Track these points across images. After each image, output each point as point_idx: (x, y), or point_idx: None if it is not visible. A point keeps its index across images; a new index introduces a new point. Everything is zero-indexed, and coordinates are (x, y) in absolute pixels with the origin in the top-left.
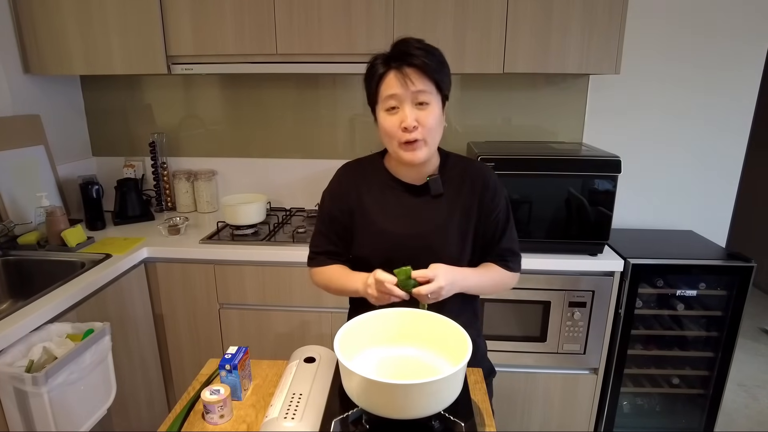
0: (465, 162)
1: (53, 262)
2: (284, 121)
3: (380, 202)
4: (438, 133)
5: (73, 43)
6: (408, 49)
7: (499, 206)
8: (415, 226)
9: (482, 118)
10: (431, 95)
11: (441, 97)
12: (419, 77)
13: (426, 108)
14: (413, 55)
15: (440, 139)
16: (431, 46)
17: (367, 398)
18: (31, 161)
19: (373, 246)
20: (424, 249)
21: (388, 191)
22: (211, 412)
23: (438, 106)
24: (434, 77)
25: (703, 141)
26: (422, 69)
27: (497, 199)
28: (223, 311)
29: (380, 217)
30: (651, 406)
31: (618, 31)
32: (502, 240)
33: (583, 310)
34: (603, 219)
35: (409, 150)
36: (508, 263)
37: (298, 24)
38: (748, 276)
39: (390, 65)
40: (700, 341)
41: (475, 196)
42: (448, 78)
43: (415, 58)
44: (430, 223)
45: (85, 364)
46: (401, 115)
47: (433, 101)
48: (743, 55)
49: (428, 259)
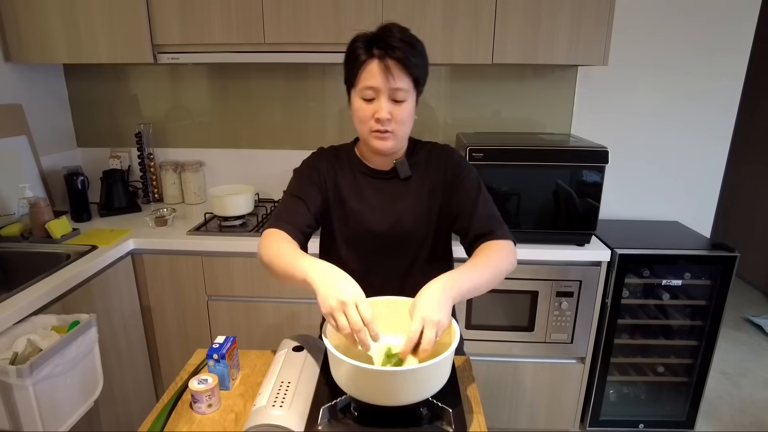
0: (430, 145)
1: (37, 254)
2: (272, 111)
3: (353, 187)
4: (409, 126)
5: (56, 30)
6: (392, 40)
7: (462, 176)
8: (385, 208)
9: (471, 110)
10: (408, 92)
11: (416, 92)
12: (400, 73)
13: (401, 104)
14: (396, 47)
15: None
16: (414, 39)
17: (356, 385)
18: (13, 152)
19: (344, 228)
20: (394, 230)
21: (360, 177)
22: (198, 402)
23: (412, 102)
24: (414, 74)
25: (689, 133)
26: (404, 64)
27: (459, 170)
28: (211, 303)
29: (352, 199)
30: (636, 394)
31: (606, 22)
32: (476, 211)
33: (571, 300)
34: (590, 209)
35: (379, 138)
36: (495, 232)
37: (286, 12)
38: (731, 266)
39: (372, 52)
40: (684, 330)
41: (440, 172)
42: (426, 73)
43: (398, 51)
44: (401, 205)
45: (71, 356)
46: (376, 106)
47: (409, 98)
48: (729, 48)
49: (399, 240)
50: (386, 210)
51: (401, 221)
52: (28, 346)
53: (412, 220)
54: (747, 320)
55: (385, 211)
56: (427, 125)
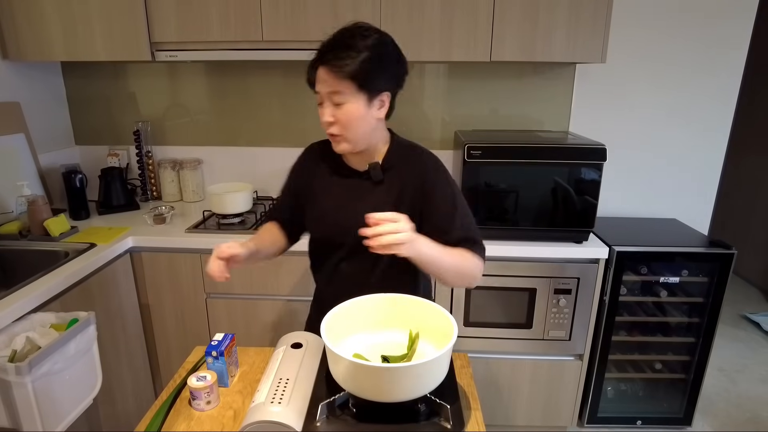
0: (409, 149)
1: (36, 251)
2: (270, 109)
3: (327, 185)
4: (360, 128)
5: (53, 28)
6: (334, 44)
7: (437, 191)
8: (350, 207)
9: (469, 107)
10: (346, 95)
11: (367, 94)
12: (333, 78)
13: (341, 107)
14: (326, 52)
15: (371, 131)
16: (353, 40)
17: (354, 382)
18: (12, 150)
19: (315, 225)
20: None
21: (336, 175)
22: (197, 399)
23: (357, 104)
24: (349, 75)
25: (687, 130)
26: (333, 67)
27: (436, 186)
28: (210, 301)
29: (323, 198)
30: (634, 391)
31: (604, 20)
32: (453, 228)
33: (569, 297)
34: (588, 207)
35: (333, 142)
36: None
37: (284, 10)
38: (729, 263)
39: (320, 59)
40: (682, 327)
41: (415, 180)
42: (375, 75)
43: (328, 54)
44: (365, 205)
45: (70, 353)
46: (321, 110)
47: (350, 100)
48: (727, 45)
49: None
50: (350, 209)
51: (361, 219)
52: (27, 343)
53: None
54: (744, 317)
55: (348, 210)
56: (426, 123)
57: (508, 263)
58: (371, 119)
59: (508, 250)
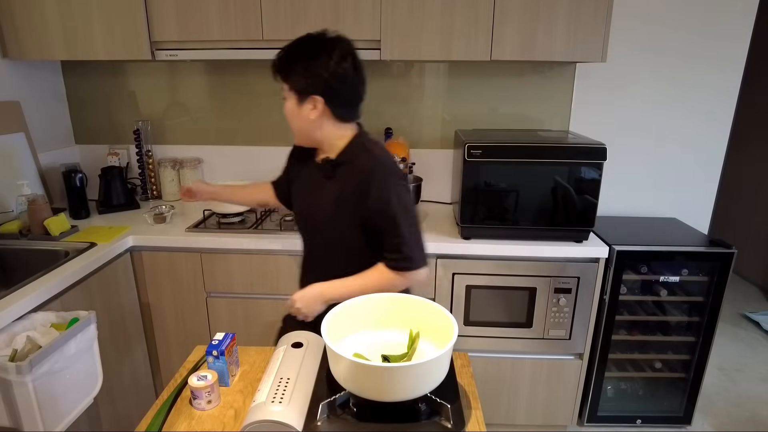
0: (361, 152)
1: (36, 251)
2: (271, 108)
3: (301, 172)
4: (294, 124)
5: (53, 27)
6: (287, 49)
7: (371, 206)
8: (306, 200)
9: (469, 106)
10: (286, 93)
11: (297, 95)
12: (278, 78)
13: (284, 104)
14: (281, 57)
15: (310, 129)
16: (291, 47)
17: (354, 381)
18: (12, 149)
19: (292, 206)
20: (311, 222)
21: (309, 165)
22: (198, 398)
23: (291, 103)
24: (283, 79)
25: (687, 130)
26: (274, 70)
27: (372, 202)
28: (210, 300)
29: (296, 183)
30: (634, 390)
31: (604, 19)
32: (386, 240)
33: (569, 297)
34: (588, 206)
35: None
36: (390, 262)
37: (285, 9)
38: (728, 262)
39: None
40: (682, 326)
41: (356, 184)
42: (300, 77)
43: (278, 60)
44: (317, 200)
45: (71, 353)
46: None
47: (288, 98)
48: (727, 45)
49: (314, 226)
50: (308, 197)
51: (313, 211)
52: (28, 343)
53: (320, 213)
54: (744, 316)
55: (307, 199)
56: (426, 122)
57: (508, 262)
58: (304, 118)
59: (509, 249)
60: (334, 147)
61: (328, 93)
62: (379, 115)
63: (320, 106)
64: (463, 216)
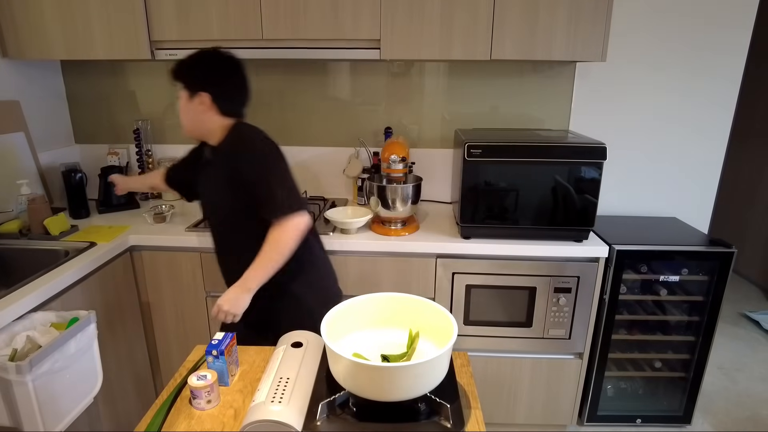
0: (235, 138)
1: (36, 250)
2: (271, 108)
3: (200, 172)
4: (184, 117)
5: (53, 26)
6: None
7: (243, 172)
8: (206, 193)
9: (469, 106)
10: (180, 91)
11: (188, 92)
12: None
13: (179, 101)
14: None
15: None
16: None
17: (354, 381)
18: (11, 148)
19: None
20: (213, 211)
21: (203, 163)
22: (198, 398)
23: (184, 98)
24: (175, 79)
25: (687, 129)
26: (172, 75)
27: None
28: (210, 299)
29: (198, 186)
30: (634, 389)
31: (604, 18)
32: (258, 198)
33: (569, 296)
34: (588, 205)
35: None
36: (267, 217)
37: (284, 8)
38: (728, 262)
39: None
40: (681, 326)
41: (231, 164)
42: (191, 80)
43: (174, 66)
44: (212, 191)
45: (71, 352)
46: None
47: (181, 96)
48: (728, 43)
49: (219, 219)
50: (206, 189)
51: (211, 201)
52: (28, 342)
53: (217, 201)
54: (744, 315)
55: (206, 190)
56: (426, 121)
57: (508, 262)
58: (193, 113)
59: (508, 248)
60: (217, 137)
61: (212, 90)
62: (378, 114)
63: (207, 101)
64: (463, 215)
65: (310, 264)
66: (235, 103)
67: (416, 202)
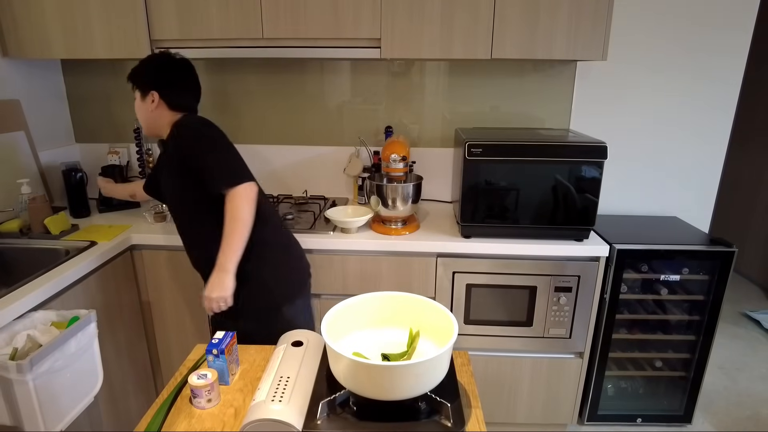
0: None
1: (36, 249)
2: (271, 106)
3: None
4: (139, 115)
5: (53, 25)
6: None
7: (185, 153)
8: (164, 186)
9: (470, 105)
10: (135, 92)
11: (140, 92)
12: (130, 83)
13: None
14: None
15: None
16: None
17: (354, 380)
18: (12, 147)
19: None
20: (172, 202)
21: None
22: (198, 397)
23: (137, 98)
24: (132, 80)
25: (688, 128)
26: (127, 78)
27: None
28: None
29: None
30: (634, 388)
31: (605, 17)
32: (203, 171)
33: (569, 295)
34: (589, 205)
35: None
36: (215, 188)
37: (285, 7)
38: (729, 261)
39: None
40: (682, 325)
41: (172, 148)
42: (141, 80)
43: (131, 71)
44: (168, 183)
45: (71, 351)
46: None
47: (135, 96)
48: (729, 43)
49: (178, 209)
50: (163, 182)
51: (168, 192)
52: (28, 341)
53: (172, 192)
54: (744, 315)
55: (163, 183)
56: (426, 120)
57: (508, 261)
58: (147, 110)
59: (509, 248)
60: (167, 130)
61: (160, 88)
62: (379, 113)
63: (156, 98)
64: (464, 215)
65: (262, 243)
66: (183, 98)
67: (416, 202)
